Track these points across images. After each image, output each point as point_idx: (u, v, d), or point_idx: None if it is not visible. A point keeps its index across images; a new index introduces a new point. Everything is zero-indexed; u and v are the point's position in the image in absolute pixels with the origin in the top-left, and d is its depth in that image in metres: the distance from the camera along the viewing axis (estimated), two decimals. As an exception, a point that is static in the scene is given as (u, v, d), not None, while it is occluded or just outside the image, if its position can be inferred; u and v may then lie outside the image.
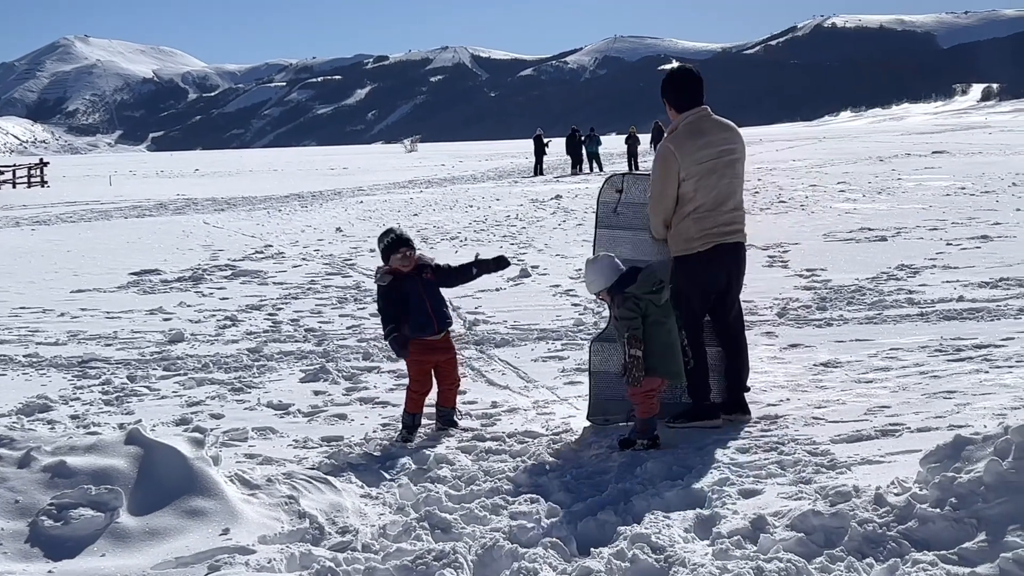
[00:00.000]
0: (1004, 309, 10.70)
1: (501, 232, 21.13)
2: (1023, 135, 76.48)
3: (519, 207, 28.10)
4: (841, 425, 6.74)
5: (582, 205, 27.70)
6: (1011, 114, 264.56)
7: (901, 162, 42.76)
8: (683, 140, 6.94)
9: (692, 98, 7.08)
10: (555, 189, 35.59)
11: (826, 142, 78.48)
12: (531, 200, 30.70)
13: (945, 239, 16.66)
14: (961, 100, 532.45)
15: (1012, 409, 6.61)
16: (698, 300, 7.03)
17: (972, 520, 4.43)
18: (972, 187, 27.46)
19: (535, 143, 50.61)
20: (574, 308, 12.03)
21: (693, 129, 6.97)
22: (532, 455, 6.45)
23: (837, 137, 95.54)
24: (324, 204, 33.11)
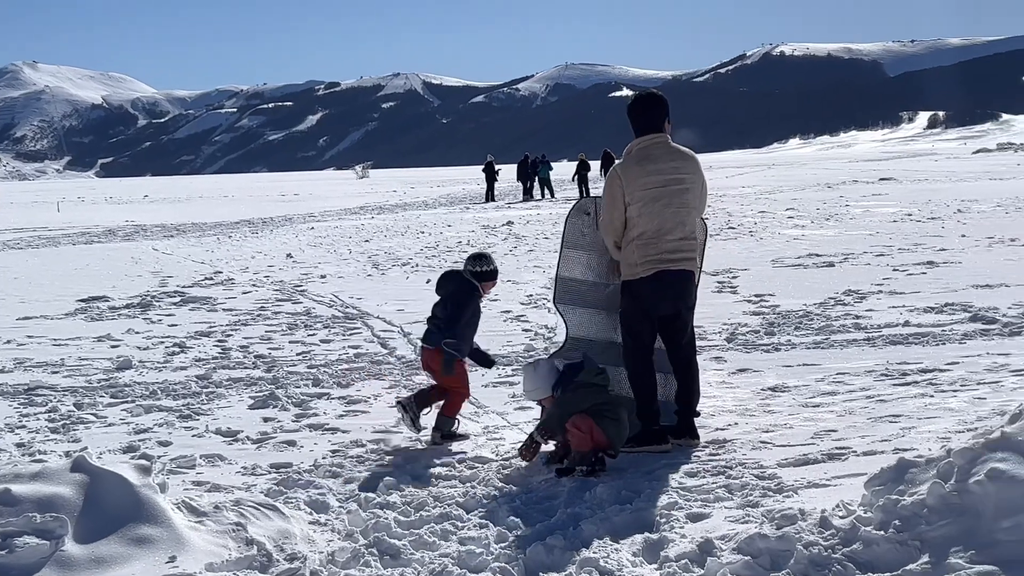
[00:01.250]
0: (949, 334, 10.84)
1: (452, 258, 21.14)
2: (968, 162, 77.64)
3: (470, 233, 28.15)
4: (788, 449, 6.80)
5: (533, 231, 27.80)
6: (957, 141, 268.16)
7: (849, 189, 43.26)
8: (631, 166, 7.02)
9: (649, 124, 7.13)
10: (506, 215, 35.69)
11: (775, 169, 79.28)
12: (482, 226, 30.77)
13: (892, 265, 16.85)
14: (908, 128, 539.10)
15: (956, 432, 6.69)
16: (642, 325, 7.08)
17: (915, 542, 4.48)
18: (918, 213, 27.83)
19: (486, 169, 50.75)
20: (525, 334, 12.06)
21: (642, 155, 7.04)
22: (482, 481, 6.45)
23: (786, 164, 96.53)
24: (275, 230, 33.01)
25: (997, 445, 4.60)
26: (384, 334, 12.27)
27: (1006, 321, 11.31)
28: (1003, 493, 4.42)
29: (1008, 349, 9.90)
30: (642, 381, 7.13)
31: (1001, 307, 12.20)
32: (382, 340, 11.87)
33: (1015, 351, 9.78)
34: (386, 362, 10.63)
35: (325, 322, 13.33)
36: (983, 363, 9.29)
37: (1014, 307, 12.19)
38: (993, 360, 9.40)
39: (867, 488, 4.99)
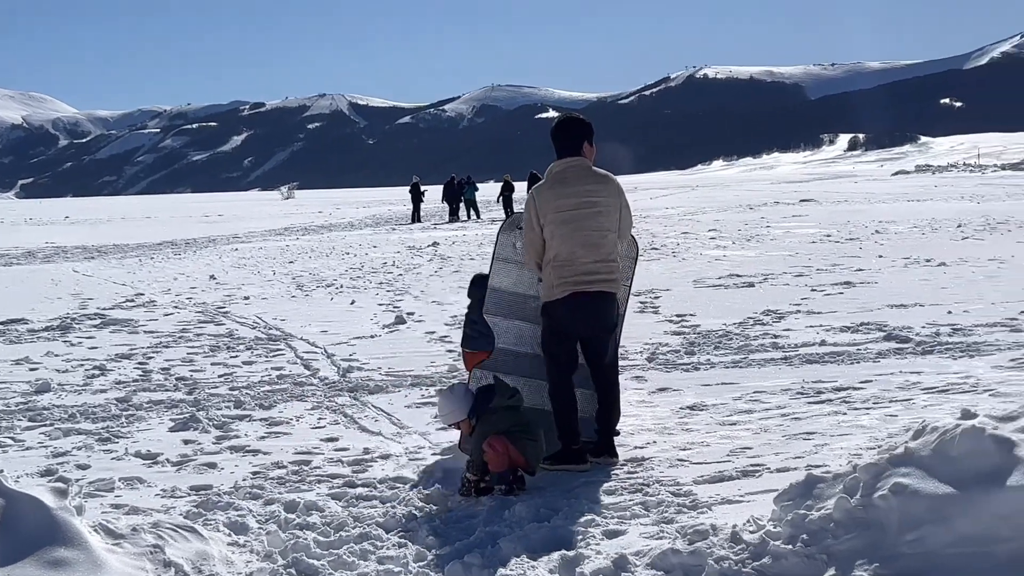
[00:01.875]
0: (863, 353, 11.06)
1: (377, 279, 21.14)
2: (887, 184, 79.02)
3: (396, 254, 28.15)
4: (704, 466, 6.93)
5: (459, 252, 27.86)
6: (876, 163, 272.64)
7: (770, 210, 43.84)
8: (545, 189, 7.14)
9: (566, 147, 7.24)
10: (432, 236, 35.73)
11: (699, 190, 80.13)
12: (408, 247, 30.78)
13: (810, 285, 17.13)
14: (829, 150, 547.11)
15: (867, 449, 6.84)
16: (560, 346, 7.17)
17: (822, 556, 4.61)
18: (837, 234, 28.29)
19: (412, 190, 50.77)
20: (449, 355, 12.10)
21: (557, 179, 7.15)
22: (402, 501, 6.49)
23: (710, 185, 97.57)
24: (198, 252, 32.76)
25: (901, 460, 4.74)
26: (307, 356, 12.25)
27: (919, 340, 11.56)
28: (906, 507, 4.56)
29: (920, 367, 10.13)
30: (561, 401, 7.21)
31: (915, 326, 12.46)
32: (305, 361, 11.85)
33: (927, 369, 10.01)
34: (309, 384, 10.62)
35: (248, 344, 13.27)
36: (896, 381, 9.51)
37: (927, 326, 12.45)
38: (905, 378, 9.62)
39: (777, 503, 5.11)
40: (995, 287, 15.94)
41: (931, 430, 4.86)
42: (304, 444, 8.13)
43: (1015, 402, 6.17)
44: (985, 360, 10.36)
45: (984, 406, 7.43)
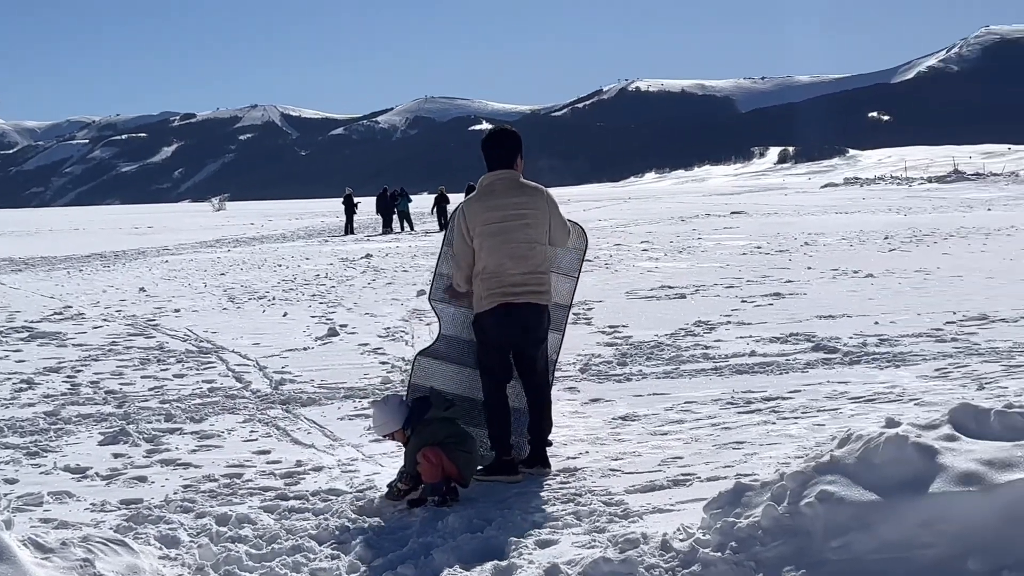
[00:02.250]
0: (792, 363, 11.22)
1: (310, 291, 21.07)
2: (816, 196, 80.00)
3: (329, 266, 28.05)
4: (636, 476, 7.00)
5: (392, 264, 27.83)
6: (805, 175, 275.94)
7: (701, 222, 44.23)
8: (473, 201, 7.20)
9: (496, 160, 7.28)
10: (365, 248, 35.64)
11: (631, 202, 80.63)
12: (341, 259, 30.69)
13: (740, 296, 17.32)
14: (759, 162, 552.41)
15: (795, 458, 6.96)
16: (492, 357, 7.21)
17: (751, 563, 4.69)
18: (767, 246, 28.60)
19: (345, 202, 50.63)
20: (382, 367, 12.10)
21: (486, 191, 7.20)
22: (335, 512, 6.49)
23: (642, 197, 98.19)
24: (128, 264, 32.40)
25: (827, 468, 4.84)
26: (239, 368, 12.18)
27: (846, 350, 11.74)
28: (832, 514, 4.65)
29: (847, 377, 10.30)
30: (495, 412, 7.25)
31: (842, 337, 12.66)
32: (237, 374, 11.79)
33: (854, 379, 10.17)
34: (241, 396, 10.57)
35: (179, 356, 13.18)
36: (824, 391, 9.66)
37: (854, 337, 12.65)
38: (833, 388, 9.78)
39: (706, 512, 5.19)
40: (921, 298, 16.22)
41: (856, 438, 4.96)
42: (236, 457, 8.10)
43: (939, 411, 6.30)
44: (911, 370, 10.56)
45: (909, 415, 7.58)
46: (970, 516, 4.51)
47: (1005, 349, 11.50)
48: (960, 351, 11.52)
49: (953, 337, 12.44)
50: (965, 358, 11.07)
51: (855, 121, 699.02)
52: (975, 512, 4.51)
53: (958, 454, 4.73)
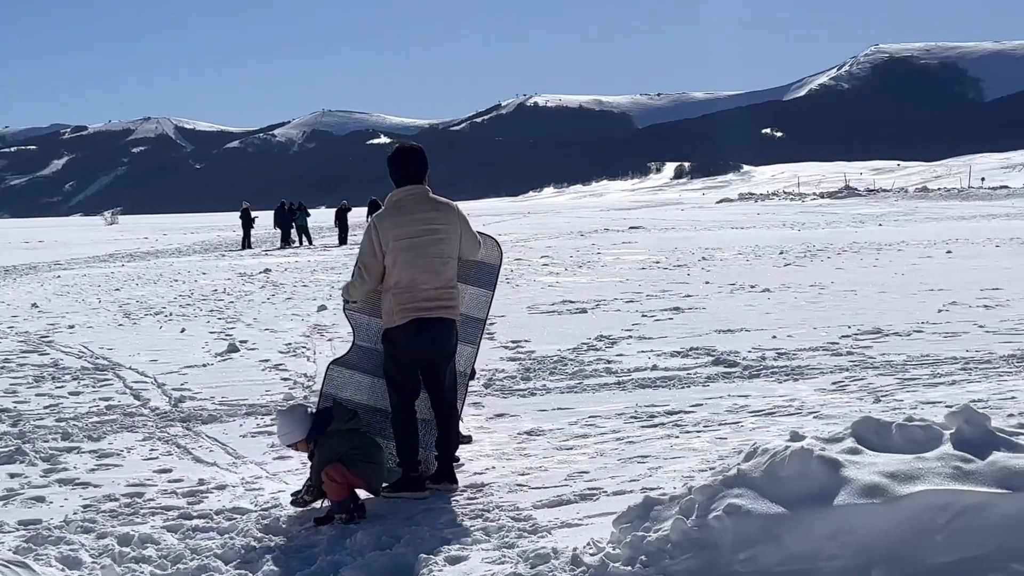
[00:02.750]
0: (694, 377, 11.35)
1: (208, 307, 20.79)
2: (712, 211, 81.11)
3: (227, 281, 27.72)
4: (543, 491, 7.02)
5: (291, 279, 27.59)
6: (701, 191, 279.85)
7: (600, 237, 44.57)
8: (385, 216, 7.17)
9: (405, 176, 7.27)
10: (264, 262, 35.30)
11: (531, 217, 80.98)
12: (239, 274, 30.34)
13: (640, 311, 17.47)
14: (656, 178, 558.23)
15: (699, 471, 7.04)
16: (401, 373, 7.19)
17: (660, 576, 4.73)
18: (666, 261, 28.92)
19: (242, 216, 50.10)
20: (284, 383, 11.98)
21: (397, 206, 7.19)
22: (241, 531, 6.41)
23: (541, 212, 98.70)
24: (18, 279, 31.67)
25: (734, 481, 4.90)
26: (137, 385, 11.97)
27: (746, 364, 11.92)
28: (739, 527, 4.71)
29: (747, 391, 10.45)
30: (403, 428, 7.23)
31: (742, 351, 12.84)
32: (135, 392, 11.58)
33: (754, 393, 10.33)
34: (139, 414, 10.38)
35: (74, 374, 12.91)
36: (725, 404, 9.79)
37: (753, 351, 12.84)
38: (734, 401, 9.91)
39: (615, 526, 5.22)
40: (816, 312, 16.52)
41: (762, 452, 5.04)
42: (136, 476, 7.96)
43: (839, 424, 6.43)
44: (809, 383, 10.75)
45: (809, 428, 7.73)
46: (874, 528, 4.60)
47: (899, 363, 11.76)
48: (856, 364, 11.75)
49: (849, 351, 12.69)
50: (861, 371, 11.30)
51: (749, 137, 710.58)
52: (879, 524, 4.60)
53: (861, 467, 4.83)
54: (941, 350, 12.52)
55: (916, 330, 14.16)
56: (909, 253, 28.96)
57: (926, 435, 5.06)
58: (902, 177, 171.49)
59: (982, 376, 10.77)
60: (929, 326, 14.48)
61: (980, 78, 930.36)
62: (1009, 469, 4.73)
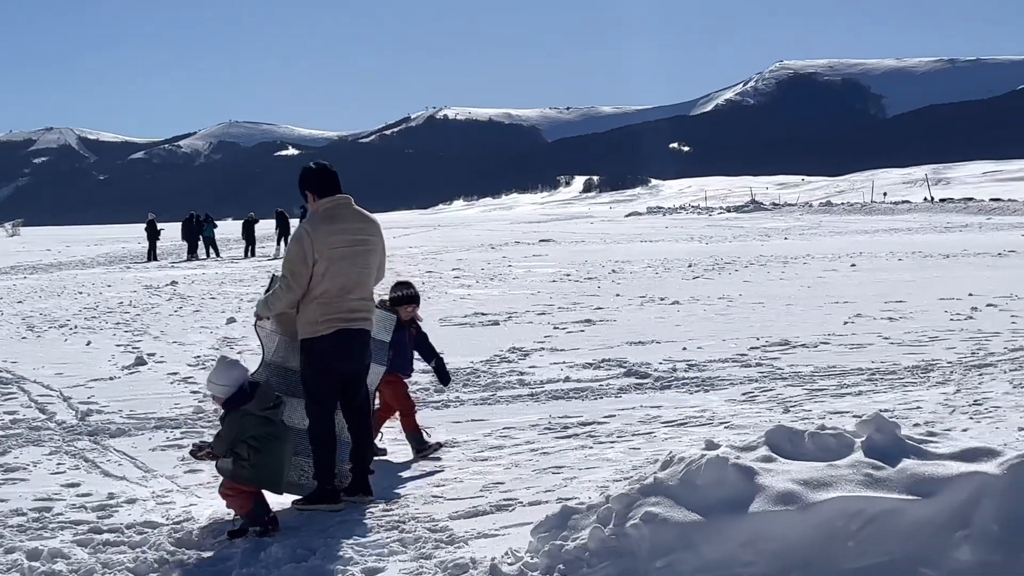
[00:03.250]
0: (606, 388, 11.44)
1: (114, 319, 20.46)
2: (621, 225, 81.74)
3: (133, 293, 27.29)
4: (459, 502, 7.03)
5: (199, 291, 27.25)
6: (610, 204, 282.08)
7: (511, 250, 44.67)
8: (319, 223, 7.13)
9: (330, 186, 7.28)
10: (170, 275, 34.82)
11: (441, 230, 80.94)
12: (145, 286, 29.89)
13: (552, 323, 17.54)
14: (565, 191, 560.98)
15: (614, 481, 7.10)
16: (324, 384, 7.15)
17: (579, 584, 4.76)
18: (576, 273, 29.06)
19: (148, 228, 49.42)
20: (193, 396, 11.83)
21: (330, 214, 7.16)
22: (152, 545, 6.32)
23: (452, 225, 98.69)
24: (-84, 291, 30.89)
25: (651, 490, 4.95)
26: (42, 399, 11.74)
27: (657, 375, 12.04)
28: (656, 535, 4.76)
29: (659, 402, 10.56)
30: (322, 440, 7.18)
31: (653, 362, 12.96)
32: (40, 405, 11.35)
33: (665, 403, 10.44)
34: (45, 428, 10.19)
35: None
36: (637, 415, 9.89)
37: (664, 362, 12.97)
38: (646, 412, 10.01)
39: (533, 535, 5.25)
40: (725, 324, 16.72)
41: (678, 460, 5.10)
42: (44, 490, 7.81)
43: (751, 433, 6.52)
44: (719, 394, 10.89)
45: (721, 437, 7.81)
46: (788, 534, 4.68)
47: (807, 373, 11.96)
48: (765, 375, 11.93)
49: (758, 362, 12.87)
50: (770, 382, 11.47)
51: (657, 151, 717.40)
52: (793, 530, 4.68)
53: (775, 474, 4.90)
54: (847, 361, 12.75)
55: (823, 342, 14.40)
56: (815, 266, 29.43)
57: (838, 443, 5.15)
58: (807, 191, 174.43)
59: (888, 387, 11.00)
60: (835, 338, 14.73)
61: (882, 94, 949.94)
62: (918, 476, 4.84)
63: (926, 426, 8.49)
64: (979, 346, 13.55)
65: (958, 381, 11.10)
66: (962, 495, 4.72)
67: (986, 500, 4.70)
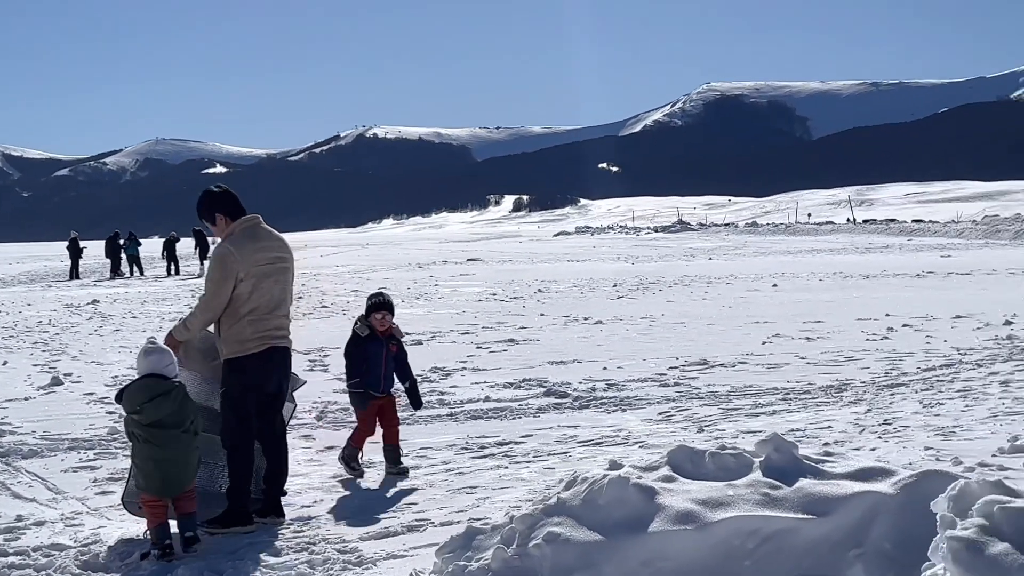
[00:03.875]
0: (525, 408, 11.49)
1: (32, 339, 20.18)
2: (550, 244, 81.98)
3: (53, 312, 26.91)
4: (371, 523, 7.05)
5: (121, 310, 26.95)
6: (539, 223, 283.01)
7: (439, 269, 44.67)
8: (242, 242, 7.11)
9: (240, 208, 7.31)
10: (92, 293, 34.38)
11: (370, 248, 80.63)
12: (66, 305, 29.48)
13: (476, 342, 17.58)
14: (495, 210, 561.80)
15: (526, 501, 7.13)
16: (249, 402, 7.14)
17: (481, 604, 4.79)
18: (502, 293, 29.13)
19: (71, 246, 48.78)
20: (109, 416, 11.70)
21: (250, 233, 7.17)
22: (59, 568, 6.27)
23: (381, 244, 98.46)
24: None
25: (554, 510, 5.01)
26: (-46, 420, 11.56)
27: (576, 395, 12.12)
28: (558, 555, 4.81)
29: (577, 421, 10.63)
30: (245, 462, 7.15)
31: (573, 382, 13.05)
32: (-48, 426, 11.18)
33: (583, 423, 10.52)
34: (-43, 450, 10.03)
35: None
36: (554, 435, 9.95)
37: (584, 382, 13.06)
38: (564, 432, 10.08)
39: (438, 556, 5.28)
40: (647, 344, 16.86)
41: (581, 480, 5.16)
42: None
43: (660, 453, 6.59)
44: (636, 413, 10.99)
45: (635, 457, 7.89)
46: (687, 553, 4.75)
47: (723, 393, 12.11)
48: (682, 395, 12.06)
49: (676, 382, 13.00)
50: (687, 402, 11.60)
51: (586, 171, 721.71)
52: (691, 549, 4.75)
53: (675, 494, 4.98)
54: (764, 381, 12.93)
55: (741, 361, 14.58)
56: (737, 286, 29.74)
57: (737, 463, 5.25)
58: (733, 212, 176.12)
59: (801, 406, 11.17)
60: (754, 357, 14.92)
61: (807, 116, 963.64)
62: (814, 495, 4.94)
63: (835, 445, 8.65)
64: (892, 366, 13.79)
65: (870, 401, 11.30)
66: (856, 514, 4.83)
67: (880, 519, 4.80)
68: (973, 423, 9.65)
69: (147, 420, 6.56)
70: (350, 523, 7.10)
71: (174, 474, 6.58)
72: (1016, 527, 3.73)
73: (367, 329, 8.79)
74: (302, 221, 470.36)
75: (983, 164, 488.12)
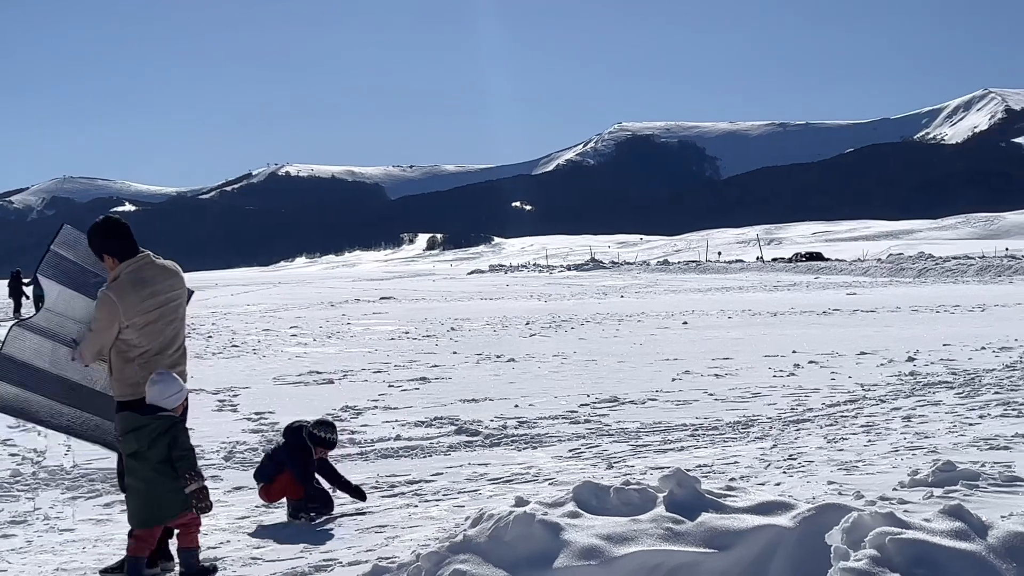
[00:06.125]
0: (436, 446, 11.50)
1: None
2: (464, 282, 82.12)
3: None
4: (278, 564, 6.99)
5: (25, 351, 26.46)
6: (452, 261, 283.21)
7: (351, 307, 44.50)
8: (127, 291, 6.87)
9: (131, 245, 7.03)
10: (-4, 334, 33.73)
11: (281, 287, 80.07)
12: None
13: (387, 381, 17.54)
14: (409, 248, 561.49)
15: (435, 540, 7.14)
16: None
17: (388, 643, 4.80)
18: (415, 331, 29.10)
19: (-28, 285, 47.83)
20: (12, 459, 11.51)
21: (137, 279, 6.92)
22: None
23: (292, 282, 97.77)
24: None
25: (460, 547, 5.03)
26: None
27: (487, 433, 12.15)
28: (464, 592, 4.83)
29: (488, 459, 10.66)
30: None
31: (484, 419, 13.08)
32: None
33: (494, 460, 10.55)
34: None
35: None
36: (465, 473, 9.97)
37: (496, 419, 13.10)
38: (474, 470, 10.10)
39: (344, 595, 5.27)
40: (558, 381, 16.95)
41: (487, 517, 5.19)
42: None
43: (566, 489, 6.64)
44: (547, 451, 11.05)
45: (544, 494, 7.93)
46: (591, 588, 4.79)
47: (633, 430, 12.22)
48: (592, 432, 12.14)
49: (586, 419, 13.09)
50: (597, 439, 11.68)
51: (500, 210, 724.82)
52: (595, 584, 4.80)
53: (580, 530, 5.03)
54: (673, 417, 13.07)
55: (651, 398, 14.72)
56: (648, 324, 30.01)
57: (641, 498, 5.31)
58: (645, 250, 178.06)
59: (709, 442, 11.30)
60: (663, 394, 15.07)
61: (717, 156, 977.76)
62: (716, 529, 5.02)
63: (741, 480, 8.78)
64: (798, 402, 14.02)
65: (776, 436, 11.47)
66: (756, 547, 4.91)
67: (779, 552, 4.89)
68: (875, 457, 9.83)
69: (127, 451, 6.68)
70: (256, 564, 7.04)
71: (143, 506, 6.68)
72: (906, 557, 3.83)
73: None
74: (213, 260, 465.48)
75: (888, 203, 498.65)
